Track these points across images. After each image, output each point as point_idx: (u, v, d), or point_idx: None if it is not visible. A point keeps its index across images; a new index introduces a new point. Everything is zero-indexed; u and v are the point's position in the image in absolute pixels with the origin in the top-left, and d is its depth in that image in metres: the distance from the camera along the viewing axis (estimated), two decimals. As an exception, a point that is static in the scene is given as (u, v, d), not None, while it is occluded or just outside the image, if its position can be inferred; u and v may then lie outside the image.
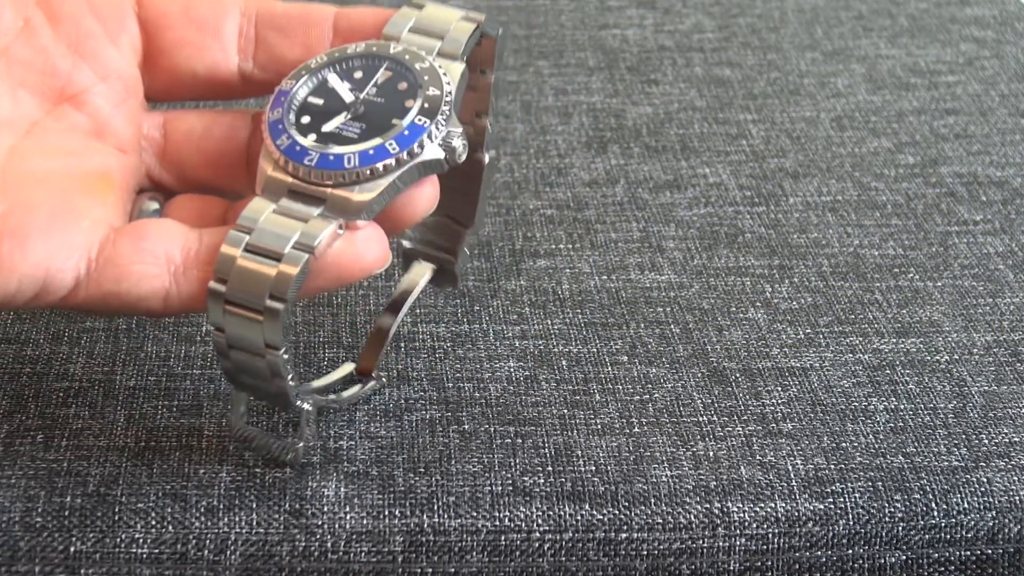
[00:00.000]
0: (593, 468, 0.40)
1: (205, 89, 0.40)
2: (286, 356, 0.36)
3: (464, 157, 0.37)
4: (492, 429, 0.41)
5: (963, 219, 0.52)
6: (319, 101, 0.37)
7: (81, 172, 0.37)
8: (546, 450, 0.41)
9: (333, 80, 0.38)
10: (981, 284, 0.49)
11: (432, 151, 0.36)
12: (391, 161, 0.35)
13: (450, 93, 0.37)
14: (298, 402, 0.38)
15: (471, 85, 0.40)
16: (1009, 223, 0.52)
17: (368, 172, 0.35)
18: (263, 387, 0.37)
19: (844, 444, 0.42)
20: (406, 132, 0.36)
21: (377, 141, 0.36)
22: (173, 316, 0.44)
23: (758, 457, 0.41)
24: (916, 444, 0.42)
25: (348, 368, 0.43)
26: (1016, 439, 0.42)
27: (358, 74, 0.38)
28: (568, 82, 0.61)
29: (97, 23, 0.39)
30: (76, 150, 0.38)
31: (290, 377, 0.37)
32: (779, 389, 0.44)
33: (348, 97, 0.37)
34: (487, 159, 0.42)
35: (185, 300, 0.36)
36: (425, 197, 0.37)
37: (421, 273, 0.44)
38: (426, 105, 0.36)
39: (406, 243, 0.44)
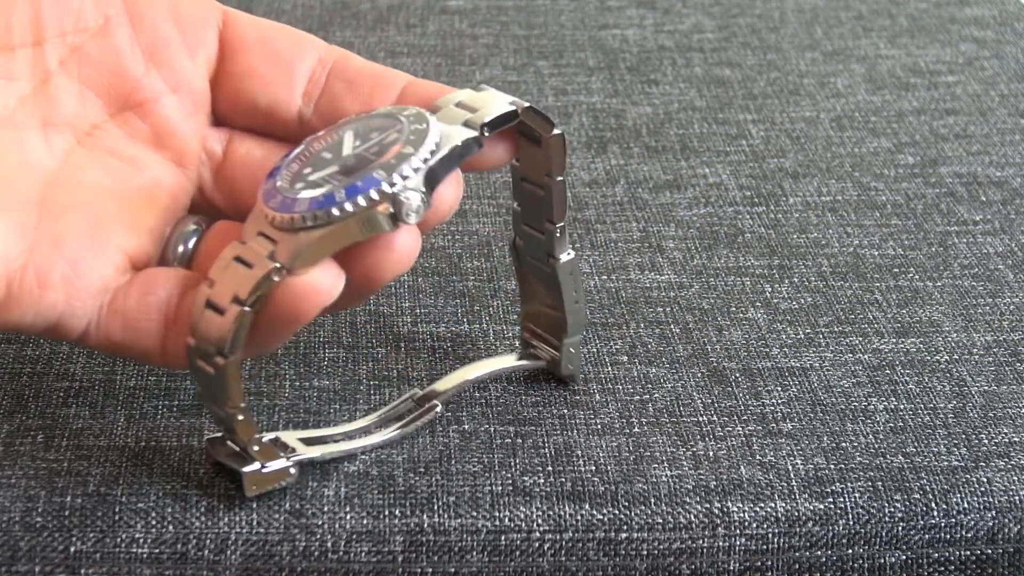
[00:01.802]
0: (593, 468, 0.40)
1: (261, 122, 0.40)
2: (241, 417, 0.37)
3: (415, 220, 0.35)
4: (492, 429, 0.41)
5: (963, 219, 0.52)
6: (328, 155, 0.37)
7: (129, 189, 0.38)
8: (546, 450, 0.41)
9: (347, 137, 0.37)
10: (981, 284, 0.49)
11: (380, 207, 0.35)
12: (334, 210, 0.35)
13: (427, 157, 0.35)
14: (282, 460, 0.38)
15: (540, 185, 0.39)
16: (1009, 223, 0.52)
17: (312, 217, 0.35)
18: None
19: (844, 444, 0.42)
20: (359, 183, 0.35)
21: (330, 188, 0.35)
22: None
23: (758, 457, 0.41)
24: (916, 444, 0.42)
25: (411, 393, 0.42)
26: (1016, 439, 0.42)
27: (375, 135, 0.37)
28: (568, 82, 0.61)
29: (177, 32, 0.39)
30: (132, 160, 0.38)
31: (251, 439, 0.37)
32: (779, 389, 0.44)
33: (347, 151, 0.37)
34: (562, 260, 0.41)
35: (176, 356, 0.37)
36: (390, 259, 0.36)
37: (488, 365, 0.43)
38: (392, 161, 0.35)
39: (524, 332, 0.44)
